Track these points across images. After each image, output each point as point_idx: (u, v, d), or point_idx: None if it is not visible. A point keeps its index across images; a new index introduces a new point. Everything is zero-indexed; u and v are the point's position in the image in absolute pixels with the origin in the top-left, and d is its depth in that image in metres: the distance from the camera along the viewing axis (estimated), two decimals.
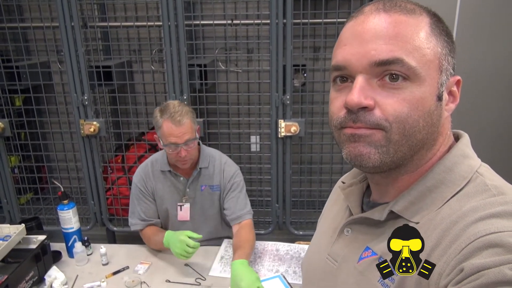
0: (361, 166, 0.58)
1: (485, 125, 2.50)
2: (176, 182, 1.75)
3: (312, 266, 0.77)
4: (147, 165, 1.77)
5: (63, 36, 2.14)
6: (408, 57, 0.53)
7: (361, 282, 0.61)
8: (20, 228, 1.53)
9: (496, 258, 0.46)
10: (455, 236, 0.51)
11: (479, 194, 0.55)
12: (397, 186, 0.62)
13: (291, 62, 2.14)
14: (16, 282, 1.37)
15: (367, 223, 0.65)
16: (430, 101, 0.55)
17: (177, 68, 2.18)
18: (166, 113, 1.58)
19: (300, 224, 2.49)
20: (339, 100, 0.58)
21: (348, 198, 0.72)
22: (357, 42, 0.56)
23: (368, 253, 0.62)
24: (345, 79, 0.58)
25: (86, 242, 1.70)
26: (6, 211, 2.49)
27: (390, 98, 0.54)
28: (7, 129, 2.31)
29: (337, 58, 0.58)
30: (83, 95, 2.23)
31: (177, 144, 1.57)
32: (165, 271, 1.60)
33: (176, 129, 1.55)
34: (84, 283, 1.52)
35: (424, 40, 0.55)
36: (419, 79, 0.54)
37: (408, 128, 0.54)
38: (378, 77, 0.55)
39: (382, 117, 0.54)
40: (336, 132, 0.60)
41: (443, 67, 0.56)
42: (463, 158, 0.60)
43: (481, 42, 2.37)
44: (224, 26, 2.34)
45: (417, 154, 0.58)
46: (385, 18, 0.55)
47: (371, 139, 0.55)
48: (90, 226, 2.50)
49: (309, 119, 2.39)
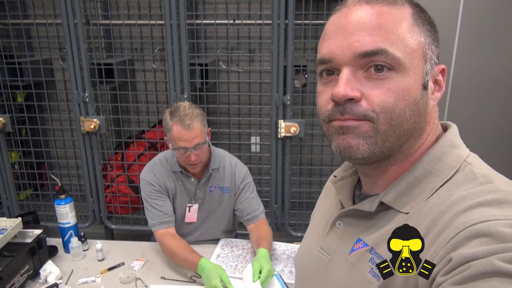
0: (350, 158, 0.58)
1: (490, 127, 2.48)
2: (186, 182, 1.71)
3: (304, 259, 0.77)
4: (156, 164, 1.71)
5: (66, 33, 2.15)
6: (391, 47, 0.53)
7: (353, 274, 0.61)
8: (17, 221, 1.53)
9: (485, 248, 0.45)
10: (444, 226, 0.51)
11: (467, 183, 0.55)
12: (387, 177, 0.62)
13: (292, 63, 2.14)
14: (11, 275, 1.37)
15: (358, 215, 0.65)
16: (416, 90, 0.55)
17: (179, 67, 2.18)
18: (176, 115, 1.53)
19: (298, 225, 2.48)
20: (326, 94, 0.59)
21: (339, 192, 0.72)
22: (341, 35, 0.56)
23: (359, 244, 0.62)
24: (331, 72, 0.59)
25: (82, 237, 1.70)
26: (5, 206, 2.50)
27: (376, 89, 0.54)
28: (8, 125, 2.32)
29: (322, 51, 0.59)
30: (84, 92, 2.23)
31: (186, 148, 1.53)
32: (160, 268, 1.60)
33: (186, 133, 1.51)
34: (79, 278, 1.51)
35: (407, 30, 0.55)
36: (404, 69, 0.54)
37: (395, 118, 0.54)
38: (363, 68, 0.55)
39: (369, 108, 0.54)
40: (324, 126, 0.60)
41: (427, 56, 0.56)
42: (451, 147, 0.59)
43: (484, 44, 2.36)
44: (226, 25, 2.35)
45: (405, 144, 0.58)
46: (367, 10, 0.55)
47: (359, 130, 0.56)
48: (89, 223, 2.50)
49: (310, 120, 2.39)
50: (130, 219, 2.51)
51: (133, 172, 2.45)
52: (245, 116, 2.58)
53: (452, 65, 2.40)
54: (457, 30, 2.32)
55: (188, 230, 1.78)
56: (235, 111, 2.60)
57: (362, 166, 0.63)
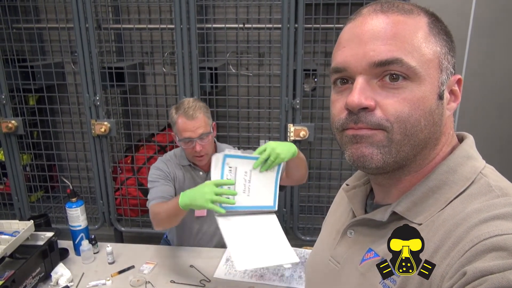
0: (364, 167, 0.57)
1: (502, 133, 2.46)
2: (195, 176, 1.76)
3: (314, 267, 0.76)
4: (167, 157, 1.79)
5: (77, 37, 2.18)
6: (407, 56, 0.53)
7: (363, 284, 0.61)
8: (29, 224, 1.55)
9: (500, 262, 0.44)
10: (458, 238, 0.50)
11: (483, 195, 0.54)
12: (400, 187, 0.61)
13: (302, 67, 2.14)
14: (23, 278, 1.39)
15: (370, 225, 0.64)
16: (431, 100, 0.55)
17: (188, 71, 2.20)
18: (180, 109, 1.61)
19: (307, 229, 2.47)
20: (340, 102, 0.58)
21: (351, 200, 0.71)
22: (355, 44, 0.56)
23: (370, 254, 0.62)
24: (345, 81, 0.58)
25: (93, 240, 1.71)
26: (16, 208, 2.52)
27: (390, 98, 0.54)
28: (20, 128, 2.35)
29: (336, 60, 0.58)
30: (95, 95, 2.26)
31: (191, 138, 1.58)
32: (170, 271, 1.60)
33: (190, 123, 1.57)
34: (90, 281, 1.52)
35: (423, 39, 0.54)
36: (419, 78, 0.54)
37: (410, 128, 0.54)
38: (378, 77, 0.55)
39: (383, 117, 0.54)
40: (338, 135, 0.60)
41: (443, 66, 0.56)
42: (466, 159, 0.59)
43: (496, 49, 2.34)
44: (236, 29, 2.36)
45: (419, 154, 0.57)
46: (383, 19, 0.55)
47: (373, 139, 0.55)
48: (98, 225, 2.52)
49: (319, 124, 2.38)
50: (139, 221, 2.52)
51: (143, 175, 2.46)
52: (254, 119, 2.59)
53: (463, 70, 2.38)
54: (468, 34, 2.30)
55: (198, 224, 1.79)
56: (244, 114, 2.60)
57: (375, 175, 0.63)
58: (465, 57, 2.34)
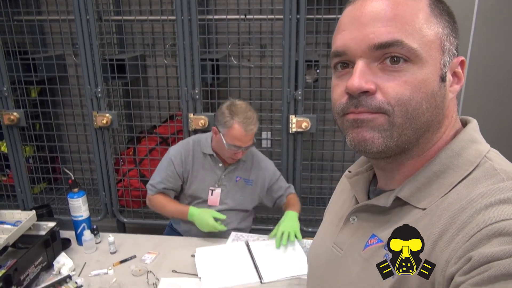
0: (365, 152, 0.57)
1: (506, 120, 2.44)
2: (214, 166, 1.80)
3: (317, 254, 0.76)
4: (189, 143, 1.82)
5: (78, 29, 2.17)
6: (407, 38, 0.52)
7: (366, 269, 0.60)
8: (31, 214, 1.56)
9: (506, 247, 0.44)
10: (463, 223, 0.50)
11: (488, 179, 0.53)
12: (403, 172, 0.61)
13: (304, 58, 2.12)
14: (25, 267, 1.39)
15: (373, 211, 0.64)
16: (433, 83, 0.54)
17: (190, 62, 2.19)
18: (239, 116, 1.65)
19: (309, 221, 2.47)
20: (340, 87, 0.58)
21: (354, 187, 0.71)
22: (355, 27, 0.55)
23: (374, 240, 0.61)
24: (346, 65, 0.58)
25: (95, 230, 1.72)
26: (20, 199, 2.54)
27: (391, 81, 0.53)
28: (22, 120, 2.36)
29: (336, 44, 0.58)
30: (97, 87, 2.25)
31: (240, 147, 1.67)
32: (171, 261, 1.61)
33: (245, 135, 1.65)
34: (92, 270, 1.53)
35: (424, 21, 0.54)
36: (421, 60, 0.53)
37: (411, 111, 0.53)
38: (379, 60, 0.54)
39: (384, 100, 0.53)
40: (339, 119, 0.59)
41: (445, 47, 0.55)
42: (471, 142, 0.58)
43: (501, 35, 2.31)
44: (237, 21, 2.35)
45: (422, 137, 0.57)
46: (382, 1, 0.54)
47: (374, 123, 0.55)
48: (101, 217, 2.53)
49: (321, 115, 2.37)
50: (141, 213, 2.53)
51: (145, 167, 2.46)
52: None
53: (467, 56, 2.35)
54: (473, 20, 2.28)
55: None
56: None
57: (377, 160, 0.62)
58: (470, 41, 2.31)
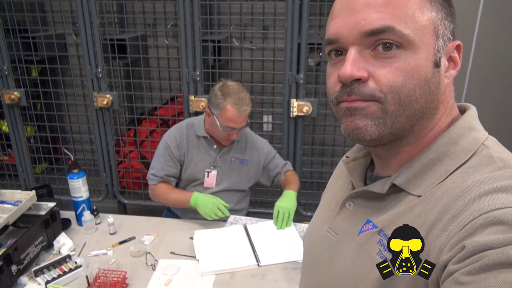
0: (359, 140, 0.57)
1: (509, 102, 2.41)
2: (208, 148, 1.80)
3: (312, 239, 0.77)
4: (182, 127, 1.81)
5: (79, 7, 2.14)
6: (399, 24, 0.51)
7: (360, 255, 0.61)
8: (31, 194, 1.57)
9: (500, 236, 0.43)
10: (458, 211, 0.49)
11: (484, 167, 0.53)
12: (399, 159, 0.60)
13: (306, 41, 2.09)
14: (25, 246, 1.41)
15: (369, 197, 0.64)
16: (426, 69, 0.53)
17: (191, 43, 2.16)
18: (231, 97, 1.63)
19: (309, 205, 2.48)
20: (334, 75, 0.57)
21: (351, 173, 0.70)
22: (347, 13, 0.54)
23: (368, 226, 0.62)
24: (339, 53, 0.57)
25: (94, 211, 1.73)
26: (21, 179, 2.55)
27: (383, 68, 0.52)
28: (23, 99, 2.35)
29: (329, 31, 0.57)
30: (97, 67, 2.23)
31: (234, 128, 1.66)
32: (170, 243, 1.62)
33: (239, 116, 1.64)
34: (91, 251, 1.55)
35: (416, 5, 0.52)
36: (413, 46, 0.52)
37: (404, 98, 0.53)
38: (371, 47, 0.53)
39: (376, 88, 0.53)
40: (334, 108, 0.59)
41: (439, 32, 0.54)
42: (469, 130, 0.57)
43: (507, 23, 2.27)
44: (239, 1, 2.31)
45: (416, 124, 0.56)
46: None
47: (366, 111, 0.54)
48: (102, 198, 2.55)
49: (323, 99, 2.35)
50: (142, 194, 2.54)
51: (146, 148, 2.47)
52: (257, 94, 2.56)
53: (473, 42, 2.31)
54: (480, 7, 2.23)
55: None
56: (247, 89, 2.57)
57: (373, 147, 0.62)
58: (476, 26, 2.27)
